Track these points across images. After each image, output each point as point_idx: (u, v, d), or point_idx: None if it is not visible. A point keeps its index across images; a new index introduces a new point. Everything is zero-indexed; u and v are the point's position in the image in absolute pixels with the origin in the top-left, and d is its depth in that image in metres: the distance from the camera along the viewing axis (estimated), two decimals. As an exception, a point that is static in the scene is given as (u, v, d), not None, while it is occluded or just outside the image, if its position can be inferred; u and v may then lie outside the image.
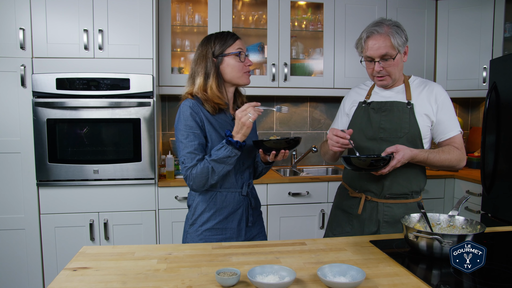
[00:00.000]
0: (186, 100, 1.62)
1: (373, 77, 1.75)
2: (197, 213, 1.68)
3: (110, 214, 2.70)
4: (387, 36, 1.65)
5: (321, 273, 1.12)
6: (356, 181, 1.81)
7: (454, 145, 1.73)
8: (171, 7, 2.97)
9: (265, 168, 1.76)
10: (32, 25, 2.57)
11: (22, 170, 2.62)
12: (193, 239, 1.69)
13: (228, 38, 1.65)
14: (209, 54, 1.64)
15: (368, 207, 1.77)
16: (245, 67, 1.66)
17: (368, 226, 1.76)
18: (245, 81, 1.67)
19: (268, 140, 1.57)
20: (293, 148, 1.66)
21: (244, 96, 1.80)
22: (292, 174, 3.36)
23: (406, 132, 1.71)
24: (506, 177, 2.58)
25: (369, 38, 1.68)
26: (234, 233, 1.67)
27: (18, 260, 2.66)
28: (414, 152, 1.61)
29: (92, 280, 1.17)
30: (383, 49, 1.65)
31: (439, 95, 1.73)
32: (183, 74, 3.10)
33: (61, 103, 2.59)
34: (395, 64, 1.68)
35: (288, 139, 1.57)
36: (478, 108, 3.73)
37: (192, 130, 1.57)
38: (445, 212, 3.10)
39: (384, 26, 1.67)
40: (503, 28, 3.07)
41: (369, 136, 1.77)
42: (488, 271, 1.23)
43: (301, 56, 3.32)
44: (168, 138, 3.32)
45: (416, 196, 1.78)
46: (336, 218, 1.90)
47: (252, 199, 1.72)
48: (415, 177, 1.75)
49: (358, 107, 1.84)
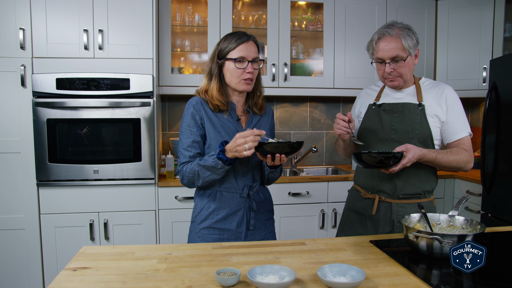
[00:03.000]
0: (192, 98, 1.67)
1: (384, 79, 1.75)
2: (197, 210, 1.69)
3: (110, 214, 2.70)
4: (398, 38, 1.66)
5: (321, 273, 1.12)
6: (369, 182, 1.81)
7: (462, 146, 1.73)
8: (171, 7, 2.97)
9: (271, 172, 1.68)
10: (32, 25, 2.57)
11: (22, 170, 2.62)
12: (192, 236, 1.70)
13: (233, 41, 1.60)
14: (216, 55, 1.64)
15: (382, 208, 1.77)
16: (245, 73, 1.60)
17: (382, 227, 1.77)
18: (242, 88, 1.62)
19: (269, 143, 1.49)
20: (294, 153, 1.54)
21: (260, 97, 1.71)
22: (292, 174, 3.36)
23: (418, 133, 1.71)
24: (506, 177, 2.57)
25: (380, 39, 1.69)
26: (232, 235, 1.65)
27: (18, 260, 2.66)
28: (423, 152, 1.61)
29: (92, 280, 1.17)
30: (394, 51, 1.66)
31: (449, 96, 1.74)
32: (183, 74, 3.10)
33: (61, 103, 2.59)
34: (405, 66, 1.69)
35: (291, 143, 1.48)
36: (478, 108, 3.73)
37: (190, 127, 1.62)
38: (445, 212, 3.10)
39: (395, 28, 1.68)
40: (503, 28, 3.07)
41: (380, 138, 1.77)
42: (488, 271, 1.23)
43: (301, 56, 3.32)
44: (168, 138, 3.32)
45: (428, 195, 1.78)
46: (348, 220, 1.91)
47: (254, 202, 1.67)
48: (427, 177, 1.76)
49: (368, 109, 1.85)
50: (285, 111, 3.56)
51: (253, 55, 1.61)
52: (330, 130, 3.65)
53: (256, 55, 1.63)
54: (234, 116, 1.66)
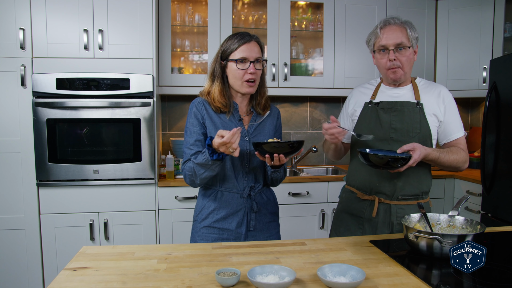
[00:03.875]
0: (196, 98, 1.68)
1: (386, 69, 1.72)
2: (198, 209, 1.70)
3: (110, 214, 2.70)
4: (403, 27, 1.69)
5: (321, 273, 1.12)
6: (367, 183, 1.77)
7: (459, 146, 1.73)
8: (171, 7, 2.97)
9: (274, 173, 1.65)
10: (32, 25, 2.57)
11: (22, 170, 2.62)
12: (193, 235, 1.70)
13: (236, 42, 1.58)
14: (219, 56, 1.63)
15: (381, 210, 1.74)
16: (247, 74, 1.58)
17: (381, 229, 1.74)
18: (244, 90, 1.61)
19: (268, 143, 1.47)
20: (294, 153, 1.51)
21: (264, 97, 1.70)
22: (292, 174, 3.36)
23: (418, 132, 1.70)
24: (506, 177, 2.57)
25: (385, 26, 1.69)
26: (232, 235, 1.65)
27: (18, 260, 2.66)
28: (427, 151, 1.60)
29: (92, 280, 1.17)
30: (399, 38, 1.66)
31: (446, 96, 1.74)
32: (183, 74, 3.10)
33: (61, 103, 2.59)
34: (408, 56, 1.69)
35: (291, 143, 1.45)
36: (478, 108, 3.73)
37: (192, 126, 1.63)
38: (445, 212, 3.10)
39: (398, 19, 1.71)
40: (503, 28, 3.07)
41: (379, 137, 1.73)
42: (488, 271, 1.23)
43: (301, 56, 3.32)
44: (168, 138, 3.32)
45: (425, 196, 1.77)
46: (343, 222, 1.86)
47: (254, 203, 1.66)
48: (424, 177, 1.75)
49: (364, 107, 1.81)
50: (285, 111, 3.56)
51: (255, 55, 1.59)
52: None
53: (259, 55, 1.61)
54: (236, 116, 1.66)
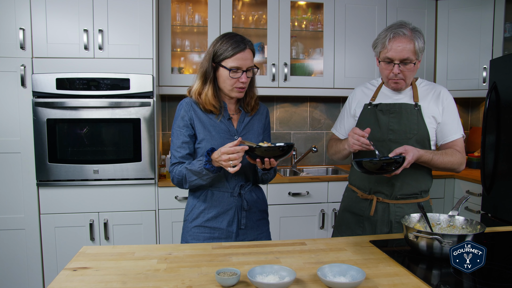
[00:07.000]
0: (183, 99, 1.67)
1: (388, 79, 1.73)
2: (188, 209, 1.70)
3: (110, 214, 2.70)
4: (411, 40, 1.64)
5: (321, 273, 1.12)
6: (366, 183, 1.80)
7: (456, 148, 1.73)
8: (171, 7, 2.97)
9: (264, 174, 1.65)
10: (32, 25, 2.57)
11: (22, 170, 2.62)
12: (184, 235, 1.70)
13: (230, 49, 1.55)
14: (211, 57, 1.60)
15: (380, 209, 1.77)
16: (238, 83, 1.58)
17: (380, 228, 1.76)
18: (234, 95, 1.62)
19: (258, 148, 1.46)
20: (285, 156, 1.51)
21: (253, 99, 1.70)
22: (292, 174, 3.36)
23: (415, 133, 1.71)
24: (506, 177, 2.57)
25: (394, 39, 1.65)
26: (222, 234, 1.65)
27: (18, 260, 2.66)
28: (420, 153, 1.62)
29: (92, 280, 1.17)
30: (405, 53, 1.64)
31: (445, 97, 1.74)
32: (183, 74, 3.10)
33: (61, 103, 2.59)
34: (412, 70, 1.68)
35: (281, 147, 1.46)
36: (478, 108, 3.73)
37: (179, 128, 1.63)
38: (445, 212, 3.10)
39: (407, 29, 1.65)
40: (503, 28, 3.07)
41: (377, 138, 1.75)
42: (488, 271, 1.23)
43: (301, 56, 3.32)
44: (168, 138, 3.32)
45: (425, 195, 1.79)
46: (345, 221, 1.90)
47: (245, 201, 1.66)
48: (423, 176, 1.76)
49: (364, 108, 1.83)
50: (285, 111, 3.56)
51: (248, 64, 1.58)
52: (330, 130, 3.65)
53: (252, 63, 1.60)
54: (225, 115, 1.66)
